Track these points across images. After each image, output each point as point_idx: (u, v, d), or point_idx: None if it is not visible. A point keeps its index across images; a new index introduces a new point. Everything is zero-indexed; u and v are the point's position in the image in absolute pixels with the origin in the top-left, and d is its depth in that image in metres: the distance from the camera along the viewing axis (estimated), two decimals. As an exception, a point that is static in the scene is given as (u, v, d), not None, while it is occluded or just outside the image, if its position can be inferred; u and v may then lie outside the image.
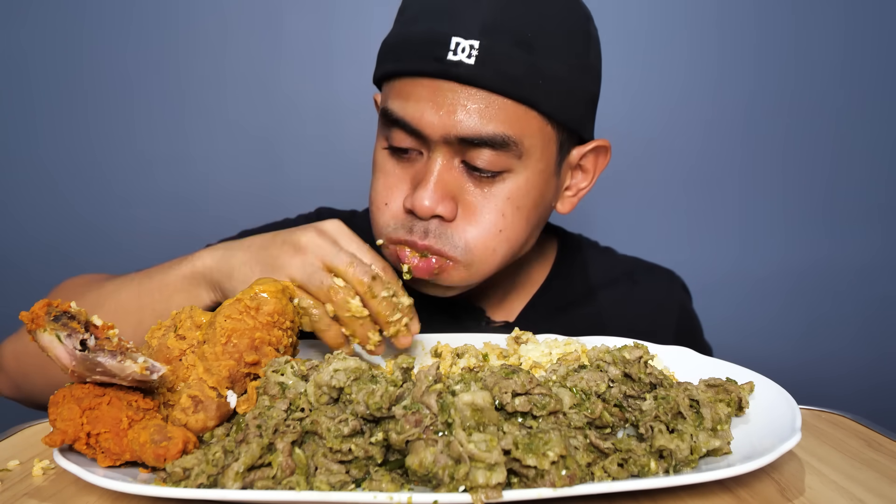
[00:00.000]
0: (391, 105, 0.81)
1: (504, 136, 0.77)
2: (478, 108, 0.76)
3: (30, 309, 0.52)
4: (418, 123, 0.78)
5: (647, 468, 0.51)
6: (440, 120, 0.77)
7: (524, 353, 0.73)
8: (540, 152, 0.81)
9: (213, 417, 0.54)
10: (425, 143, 0.80)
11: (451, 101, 0.76)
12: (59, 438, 0.52)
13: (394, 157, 0.84)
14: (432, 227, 0.80)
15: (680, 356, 0.74)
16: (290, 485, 0.49)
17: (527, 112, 0.78)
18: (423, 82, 0.78)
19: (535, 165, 0.81)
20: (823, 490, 0.53)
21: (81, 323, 0.52)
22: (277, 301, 0.61)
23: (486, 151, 0.78)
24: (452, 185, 0.80)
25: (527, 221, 0.84)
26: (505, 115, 0.77)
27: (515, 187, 0.81)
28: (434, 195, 0.78)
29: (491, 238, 0.81)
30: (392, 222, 0.83)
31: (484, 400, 0.49)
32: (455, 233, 0.80)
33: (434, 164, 0.79)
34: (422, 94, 0.78)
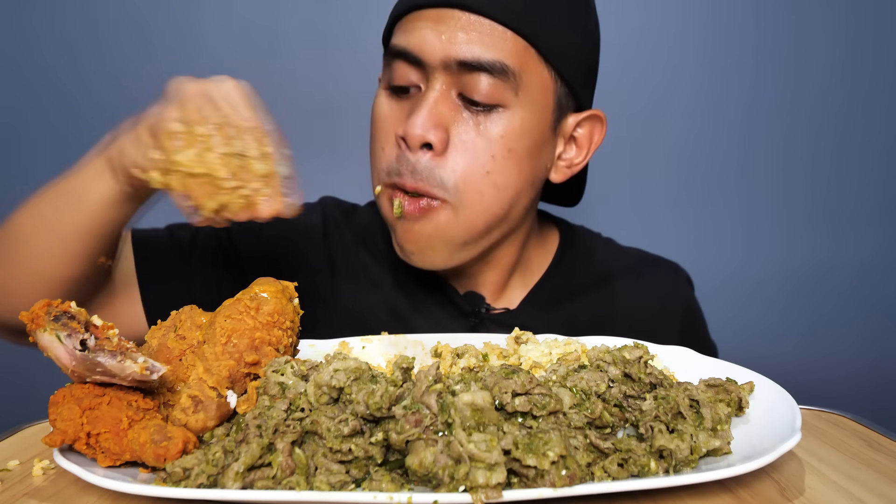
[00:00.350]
0: (395, 40, 0.82)
1: (502, 63, 0.78)
2: (479, 34, 0.78)
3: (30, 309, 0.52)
4: (419, 48, 0.79)
5: (647, 468, 0.51)
6: (441, 44, 0.78)
7: (524, 353, 0.73)
8: (537, 94, 0.82)
9: (213, 417, 0.54)
10: (424, 72, 0.80)
11: (453, 25, 0.78)
12: (59, 438, 0.52)
13: (392, 97, 0.84)
14: (421, 163, 0.80)
15: (680, 356, 0.74)
16: (290, 485, 0.49)
17: (527, 48, 0.79)
18: (429, 13, 0.79)
19: (531, 107, 0.82)
20: (823, 490, 0.53)
21: (81, 323, 0.53)
22: (277, 301, 0.61)
23: (483, 79, 0.78)
24: (446, 115, 0.80)
25: (518, 170, 0.83)
26: (505, 45, 0.78)
27: (510, 126, 0.80)
28: (427, 122, 0.78)
29: (479, 178, 0.80)
30: (386, 166, 0.83)
31: (484, 400, 0.49)
32: (443, 171, 0.80)
33: (431, 91, 0.80)
34: (425, 23, 0.79)
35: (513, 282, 0.99)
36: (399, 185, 0.81)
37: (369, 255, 0.99)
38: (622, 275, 1.02)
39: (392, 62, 0.83)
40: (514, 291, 0.99)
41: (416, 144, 0.79)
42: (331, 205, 1.05)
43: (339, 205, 1.06)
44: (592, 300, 0.99)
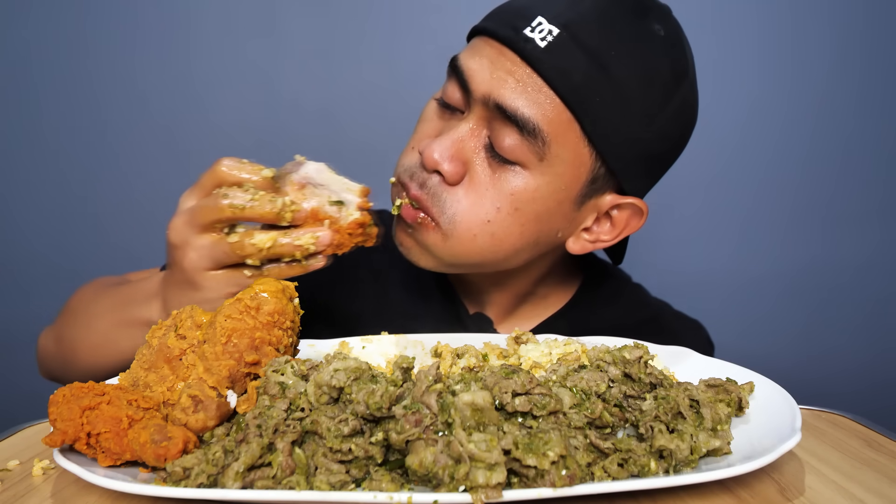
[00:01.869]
0: (460, 54, 0.82)
1: (537, 126, 0.75)
2: (526, 88, 0.76)
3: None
4: (470, 75, 0.78)
5: (647, 468, 0.51)
6: (488, 80, 0.77)
7: (524, 353, 0.73)
8: (564, 169, 0.79)
9: (213, 417, 0.54)
10: (467, 100, 0.80)
11: (508, 70, 0.76)
12: (60, 438, 0.52)
13: (440, 110, 0.84)
14: (431, 182, 0.80)
15: (680, 356, 0.74)
16: (290, 485, 0.49)
17: (570, 121, 0.76)
18: (494, 44, 0.78)
19: (552, 178, 0.79)
20: (823, 490, 0.53)
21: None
22: (277, 301, 0.61)
23: (513, 133, 0.76)
24: (470, 151, 0.79)
25: (520, 229, 0.81)
26: (546, 109, 0.76)
27: (524, 187, 0.79)
28: (446, 151, 0.78)
29: (476, 223, 0.79)
30: (407, 165, 0.83)
31: (484, 400, 0.49)
32: (449, 199, 0.79)
33: (464, 122, 0.79)
34: (486, 53, 0.78)
35: (523, 310, 0.98)
36: (407, 185, 0.82)
37: (383, 261, 0.99)
38: (641, 326, 0.98)
39: (450, 75, 0.83)
40: (523, 321, 0.98)
41: (428, 167, 0.79)
42: None
43: None
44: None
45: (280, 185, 0.68)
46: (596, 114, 0.76)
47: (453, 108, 0.82)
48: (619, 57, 0.76)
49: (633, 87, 0.77)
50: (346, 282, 0.98)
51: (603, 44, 0.75)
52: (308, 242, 0.67)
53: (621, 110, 0.77)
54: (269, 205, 0.66)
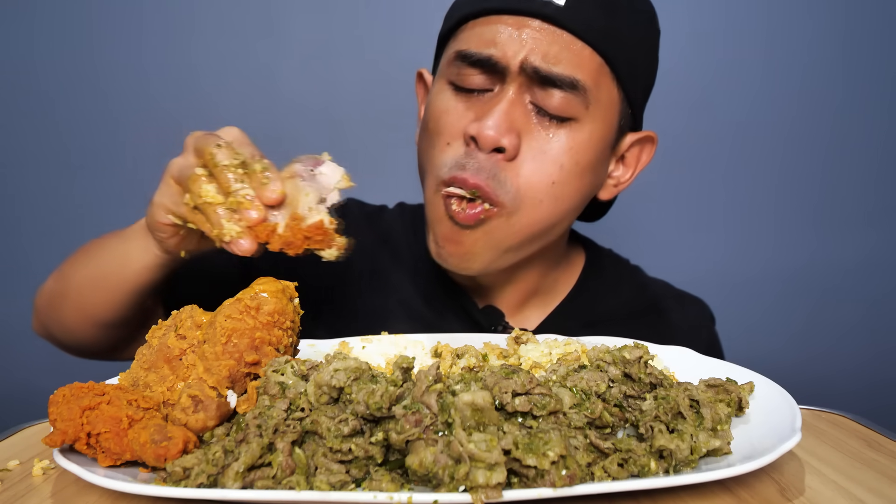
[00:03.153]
0: (468, 44, 0.80)
1: (577, 79, 0.78)
2: (559, 47, 0.77)
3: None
4: (498, 55, 0.78)
5: (647, 468, 0.51)
6: (521, 49, 0.77)
7: (524, 353, 0.73)
8: (605, 110, 0.82)
9: (213, 417, 0.54)
10: (499, 76, 0.79)
11: (535, 35, 0.77)
12: (60, 439, 0.52)
13: (459, 96, 0.82)
14: (488, 164, 0.79)
15: (680, 356, 0.74)
16: (290, 485, 0.49)
17: (602, 66, 0.80)
18: (507, 18, 0.79)
19: (600, 122, 0.82)
20: (823, 490, 0.53)
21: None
22: (278, 301, 0.61)
23: (557, 92, 0.78)
24: (520, 121, 0.79)
25: (580, 183, 0.83)
26: (582, 61, 0.78)
27: (580, 139, 0.80)
28: (501, 125, 0.77)
29: (543, 187, 0.80)
30: (450, 161, 0.81)
31: (484, 400, 0.49)
32: (509, 176, 0.79)
33: (505, 94, 0.79)
34: (504, 27, 0.78)
35: (532, 303, 0.98)
36: (459, 179, 0.79)
37: (390, 260, 0.99)
38: (645, 309, 1.00)
39: (461, 65, 0.81)
40: (532, 312, 0.98)
41: (488, 146, 0.78)
42: (352, 208, 1.04)
43: (362, 207, 1.05)
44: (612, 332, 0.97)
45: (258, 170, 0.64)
46: (621, 53, 0.80)
47: (476, 90, 0.81)
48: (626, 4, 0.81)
49: (640, 30, 0.83)
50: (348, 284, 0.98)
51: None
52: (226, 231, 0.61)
53: (637, 47, 0.83)
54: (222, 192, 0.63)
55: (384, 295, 0.97)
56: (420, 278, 0.97)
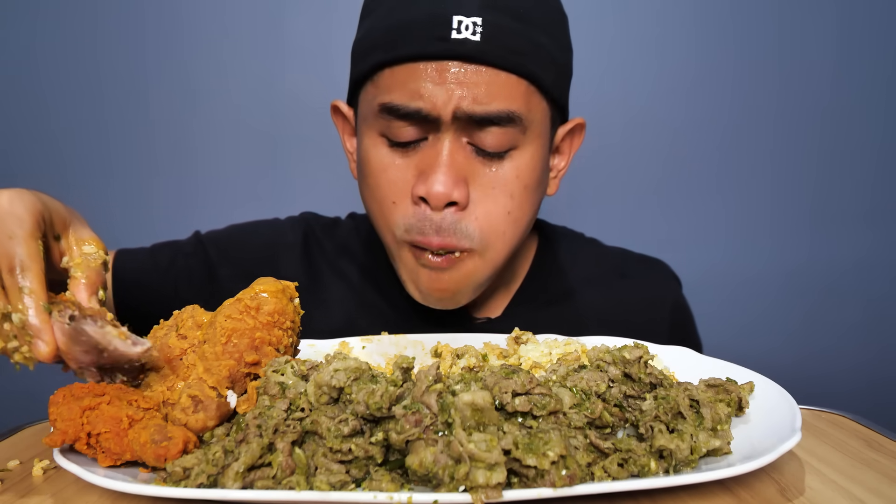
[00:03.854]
0: (392, 97, 0.77)
1: (511, 112, 0.77)
2: (487, 85, 0.75)
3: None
4: (427, 107, 0.76)
5: (647, 468, 0.51)
6: (449, 98, 0.75)
7: (524, 353, 0.73)
8: (540, 126, 0.82)
9: (213, 417, 0.54)
10: (433, 127, 0.77)
11: (459, 79, 0.75)
12: (60, 438, 0.52)
13: (395, 151, 0.80)
14: (446, 221, 0.78)
15: (680, 356, 0.74)
16: (290, 485, 0.49)
17: (529, 87, 0.78)
18: (427, 65, 0.76)
19: (537, 141, 0.81)
20: (823, 490, 0.53)
21: (74, 304, 0.53)
22: (278, 301, 0.61)
23: (493, 130, 0.77)
24: (463, 167, 0.78)
25: (532, 201, 0.83)
26: (511, 91, 0.77)
27: (523, 164, 0.80)
28: (448, 180, 0.76)
29: (501, 221, 0.80)
30: (402, 221, 0.80)
31: (484, 400, 0.49)
32: (467, 222, 0.79)
33: (443, 146, 0.77)
34: (427, 76, 0.75)
35: (494, 293, 0.98)
36: (424, 242, 0.79)
37: (350, 266, 1.00)
38: (606, 275, 1.01)
39: (390, 119, 0.78)
40: (496, 300, 0.98)
41: (440, 204, 0.77)
42: (311, 220, 1.06)
43: (318, 220, 1.07)
44: (576, 303, 0.98)
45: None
46: (544, 67, 0.79)
47: (410, 143, 0.80)
48: (529, 6, 0.79)
49: (550, 26, 0.81)
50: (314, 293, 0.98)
51: (513, 7, 0.77)
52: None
53: (553, 50, 0.81)
54: None
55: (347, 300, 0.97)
56: (381, 281, 0.97)
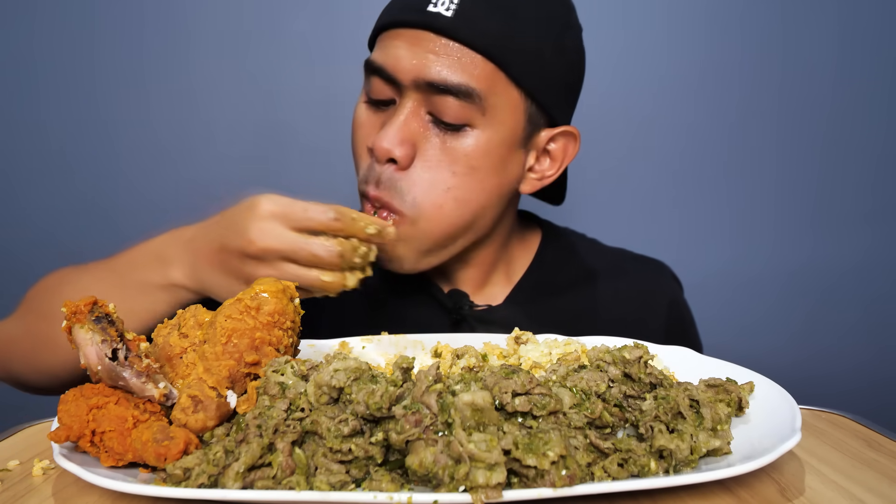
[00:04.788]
0: (373, 55, 0.86)
1: (470, 87, 0.81)
2: (450, 57, 0.81)
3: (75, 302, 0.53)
4: (393, 67, 0.82)
5: (647, 468, 0.51)
6: (412, 65, 0.81)
7: (524, 353, 0.73)
8: (504, 115, 0.84)
9: (212, 417, 0.54)
10: (398, 89, 0.83)
11: (426, 48, 0.81)
12: (64, 434, 0.52)
13: (370, 108, 0.87)
14: (385, 175, 0.83)
15: (680, 356, 0.74)
16: (290, 485, 0.49)
17: (495, 71, 0.82)
18: (405, 32, 0.83)
19: (498, 126, 0.84)
20: (823, 490, 0.53)
21: (118, 332, 0.54)
22: (278, 301, 0.61)
23: (451, 101, 0.81)
24: (415, 132, 0.83)
25: (481, 185, 0.85)
26: (474, 69, 0.81)
27: (475, 144, 0.83)
28: (394, 137, 0.82)
29: (438, 194, 0.83)
30: (361, 174, 0.87)
31: (484, 400, 0.49)
32: (405, 185, 0.83)
33: (402, 108, 0.83)
34: (401, 42, 0.82)
35: (495, 279, 1.01)
36: (363, 192, 0.85)
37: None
38: (605, 272, 1.04)
39: (370, 76, 0.86)
40: (496, 288, 1.01)
41: (382, 158, 0.83)
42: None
43: None
44: (575, 296, 1.01)
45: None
46: (516, 57, 0.82)
47: (384, 103, 0.86)
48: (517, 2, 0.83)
49: (538, 26, 0.84)
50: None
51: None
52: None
53: (535, 46, 0.84)
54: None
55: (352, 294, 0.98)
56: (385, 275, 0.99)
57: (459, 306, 0.96)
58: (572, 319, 0.89)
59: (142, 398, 0.54)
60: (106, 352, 0.53)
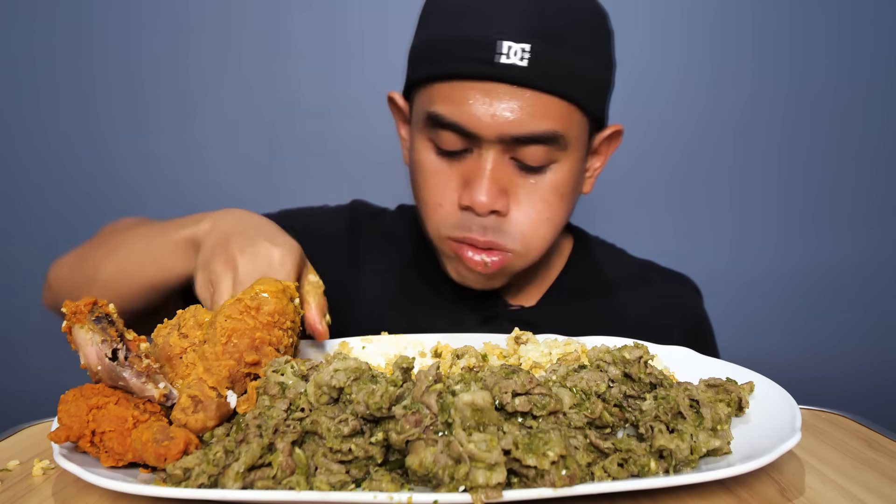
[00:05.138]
0: (440, 109, 0.84)
1: (554, 132, 0.82)
2: (530, 107, 0.81)
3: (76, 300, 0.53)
4: (473, 125, 0.82)
5: (647, 468, 0.51)
6: (494, 121, 0.81)
7: (524, 353, 0.73)
8: (579, 142, 0.88)
9: (212, 417, 0.54)
10: (476, 141, 0.84)
11: (504, 102, 0.81)
12: (64, 434, 0.52)
13: (442, 157, 0.87)
14: (490, 223, 0.86)
15: (680, 356, 0.74)
16: (290, 485, 0.49)
17: (569, 107, 0.84)
18: (474, 85, 0.81)
19: (574, 155, 0.87)
20: (823, 490, 0.53)
21: (118, 332, 0.54)
22: (278, 301, 0.61)
23: (535, 147, 0.83)
24: (504, 179, 0.85)
25: (567, 207, 0.91)
26: (553, 113, 0.82)
27: (560, 177, 0.87)
28: (490, 191, 0.83)
29: (541, 226, 0.87)
30: (448, 221, 0.88)
31: (484, 400, 0.49)
32: (509, 227, 0.86)
33: (486, 161, 0.84)
34: (474, 97, 0.81)
35: (529, 284, 1.04)
36: (470, 239, 0.87)
37: (394, 252, 1.06)
38: (633, 280, 1.08)
39: (437, 129, 0.85)
40: (530, 290, 1.04)
41: (484, 212, 0.85)
42: (358, 208, 1.12)
43: (366, 207, 1.13)
44: (604, 302, 1.03)
45: None
46: (583, 88, 0.84)
47: (455, 153, 0.86)
48: (572, 30, 0.83)
49: (591, 46, 0.86)
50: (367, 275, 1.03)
51: (557, 29, 0.82)
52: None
53: (593, 69, 0.86)
54: None
55: (388, 283, 1.03)
56: (422, 266, 1.03)
57: (496, 306, 1.00)
58: (601, 324, 0.91)
59: (142, 398, 0.54)
60: (106, 352, 0.53)
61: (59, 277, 0.92)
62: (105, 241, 0.90)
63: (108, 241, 0.89)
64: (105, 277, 0.85)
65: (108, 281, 0.85)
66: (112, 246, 0.88)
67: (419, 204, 0.92)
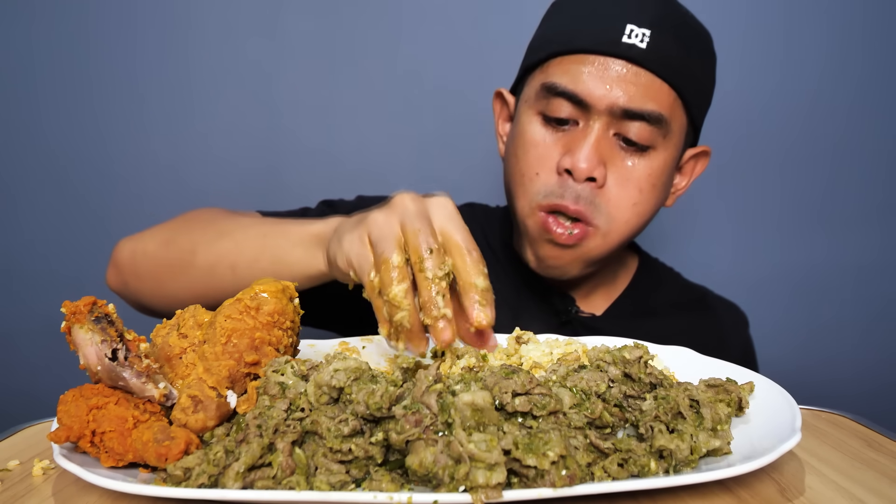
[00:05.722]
0: (556, 79, 0.90)
1: (660, 113, 0.88)
2: (643, 86, 0.87)
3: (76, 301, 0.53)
4: (585, 94, 0.87)
5: (647, 468, 0.51)
6: (607, 92, 0.87)
7: (524, 353, 0.73)
8: (678, 138, 0.92)
9: (212, 417, 0.54)
10: (586, 112, 0.89)
11: (620, 77, 0.87)
12: (64, 434, 0.52)
13: (546, 126, 0.92)
14: (585, 192, 0.89)
15: (680, 356, 0.74)
16: (290, 485, 0.49)
17: (676, 99, 0.90)
18: (595, 59, 0.88)
19: (672, 148, 0.92)
20: (823, 490, 0.53)
21: (117, 332, 0.54)
22: (278, 301, 0.61)
23: (640, 125, 0.87)
24: (605, 152, 0.89)
25: (656, 201, 0.94)
26: (662, 97, 0.88)
27: (657, 165, 0.90)
28: (592, 159, 0.87)
29: (628, 209, 0.91)
30: (543, 189, 0.91)
31: (484, 400, 0.49)
32: (602, 201, 0.90)
33: (592, 130, 0.88)
34: (590, 69, 0.88)
35: (597, 293, 1.09)
36: (561, 206, 0.89)
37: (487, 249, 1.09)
38: (692, 304, 1.12)
39: (550, 97, 0.90)
40: (597, 300, 1.08)
41: (582, 178, 0.88)
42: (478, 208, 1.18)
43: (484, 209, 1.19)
44: (666, 321, 1.08)
45: None
46: (691, 87, 0.91)
47: (562, 121, 0.90)
48: (692, 35, 0.91)
49: (704, 58, 0.93)
50: None
51: (679, 27, 0.90)
52: (394, 345, 0.59)
53: (702, 77, 0.93)
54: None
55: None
56: (505, 270, 1.07)
57: (568, 307, 1.03)
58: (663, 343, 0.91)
59: (142, 398, 0.54)
60: (106, 352, 0.53)
61: (138, 257, 0.88)
62: (204, 226, 0.88)
63: (209, 226, 0.87)
64: (205, 263, 0.83)
65: (210, 267, 0.83)
66: (214, 232, 0.85)
67: (515, 180, 0.94)
